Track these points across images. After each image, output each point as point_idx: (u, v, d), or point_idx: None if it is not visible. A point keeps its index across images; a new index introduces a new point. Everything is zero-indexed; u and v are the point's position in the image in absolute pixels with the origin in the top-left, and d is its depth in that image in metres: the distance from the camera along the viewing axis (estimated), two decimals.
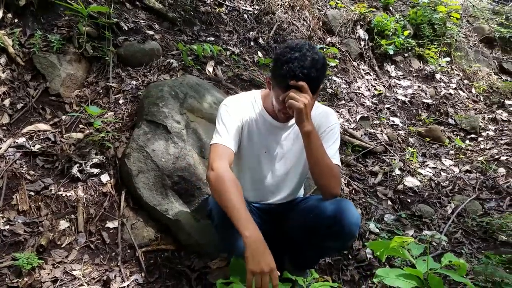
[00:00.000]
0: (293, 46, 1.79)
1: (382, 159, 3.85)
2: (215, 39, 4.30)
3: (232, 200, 1.77)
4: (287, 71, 1.76)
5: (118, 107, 3.20)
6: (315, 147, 1.89)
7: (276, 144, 2.13)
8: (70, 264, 2.36)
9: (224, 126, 2.00)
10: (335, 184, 1.96)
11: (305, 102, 1.77)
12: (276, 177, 2.19)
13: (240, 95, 2.18)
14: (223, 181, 1.80)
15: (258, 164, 2.16)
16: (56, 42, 3.35)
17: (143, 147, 2.69)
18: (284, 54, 1.78)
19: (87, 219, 2.59)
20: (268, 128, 2.10)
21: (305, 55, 1.76)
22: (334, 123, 2.09)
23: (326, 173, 1.92)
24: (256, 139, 2.11)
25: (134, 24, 3.85)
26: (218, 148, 1.94)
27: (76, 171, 2.72)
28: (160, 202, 2.61)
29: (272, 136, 2.12)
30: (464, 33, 6.65)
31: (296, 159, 2.16)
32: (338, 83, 4.81)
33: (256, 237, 1.71)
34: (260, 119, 2.09)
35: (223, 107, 2.07)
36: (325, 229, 1.95)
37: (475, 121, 4.82)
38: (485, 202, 3.42)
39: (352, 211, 1.92)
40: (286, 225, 2.22)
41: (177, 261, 2.53)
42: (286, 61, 1.76)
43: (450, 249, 2.86)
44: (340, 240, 2.00)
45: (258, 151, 2.13)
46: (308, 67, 1.75)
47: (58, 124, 3.07)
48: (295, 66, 1.75)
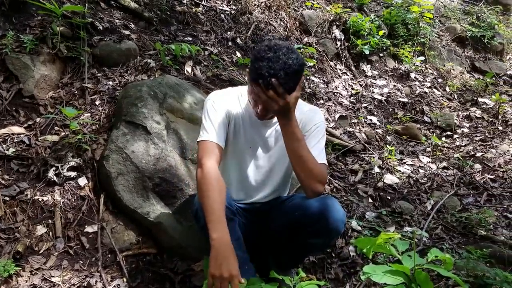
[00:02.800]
0: (271, 46, 1.79)
1: (362, 157, 3.88)
2: (192, 39, 4.26)
3: (210, 200, 1.78)
4: (257, 69, 1.76)
5: (94, 108, 3.12)
6: (293, 142, 1.89)
7: (260, 140, 2.13)
8: (48, 270, 2.28)
9: (210, 122, 1.99)
10: (317, 181, 1.94)
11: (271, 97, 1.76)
12: (261, 173, 2.18)
13: (226, 90, 2.18)
14: (207, 180, 1.82)
15: (243, 160, 2.15)
16: (29, 43, 3.25)
17: (122, 148, 2.63)
18: (260, 52, 1.79)
19: (65, 224, 2.52)
20: (253, 124, 2.09)
21: (278, 57, 1.74)
22: (320, 121, 2.08)
23: (306, 168, 1.91)
24: (242, 134, 2.10)
25: (110, 23, 3.77)
26: (206, 145, 1.94)
27: (53, 174, 2.64)
28: (141, 205, 2.55)
29: (256, 132, 2.11)
30: (437, 33, 6.77)
31: (280, 156, 2.15)
32: (316, 83, 4.83)
33: (223, 241, 1.72)
34: (246, 114, 2.09)
35: (209, 101, 2.06)
36: (310, 226, 1.95)
37: (450, 119, 4.91)
38: (463, 197, 3.48)
39: (337, 208, 1.93)
40: (271, 225, 2.21)
41: (159, 265, 2.48)
42: (259, 58, 1.77)
43: (431, 244, 2.90)
44: (326, 237, 2.00)
45: (243, 147, 2.13)
46: (277, 69, 1.73)
47: (32, 127, 2.97)
48: (264, 66, 1.74)
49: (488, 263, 2.53)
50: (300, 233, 2.02)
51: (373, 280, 1.67)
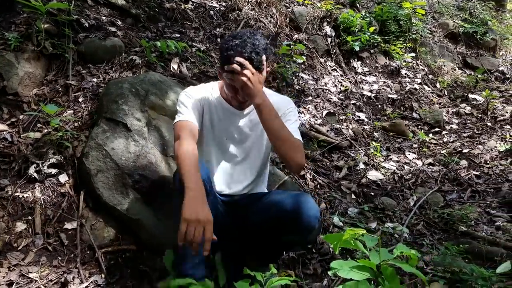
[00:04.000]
0: (235, 34, 1.93)
1: (347, 153, 3.89)
2: (180, 36, 4.26)
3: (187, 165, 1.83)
4: (228, 58, 1.87)
5: (77, 106, 3.13)
6: (271, 119, 1.95)
7: (235, 130, 2.19)
8: (26, 266, 2.30)
9: (185, 107, 2.09)
10: (300, 155, 1.99)
11: (243, 79, 1.86)
12: (238, 163, 2.23)
13: (198, 85, 2.27)
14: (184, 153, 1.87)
15: (220, 150, 2.21)
16: (13, 40, 3.25)
17: (102, 145, 2.64)
18: (227, 42, 1.91)
19: (44, 220, 2.53)
20: (226, 115, 2.17)
21: (245, 41, 1.87)
22: (291, 107, 2.19)
23: (287, 144, 1.96)
24: (217, 125, 2.17)
25: (96, 20, 3.78)
26: (182, 123, 2.03)
27: (33, 171, 2.65)
28: (120, 202, 2.57)
29: (231, 123, 2.18)
30: (429, 29, 6.77)
31: (256, 145, 2.22)
32: (305, 80, 4.83)
33: (198, 189, 1.74)
34: (219, 106, 2.17)
35: (183, 93, 2.16)
36: (284, 223, 1.97)
37: (439, 115, 4.92)
38: (447, 194, 3.49)
39: (310, 204, 1.96)
40: (248, 220, 2.22)
41: (139, 261, 2.49)
42: (227, 48, 1.88)
43: (412, 240, 2.92)
44: (300, 234, 2.02)
45: (219, 137, 2.19)
46: (248, 52, 1.86)
47: (15, 124, 2.98)
48: (234, 53, 1.86)
49: (465, 259, 2.54)
50: (276, 230, 2.04)
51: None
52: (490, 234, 2.93)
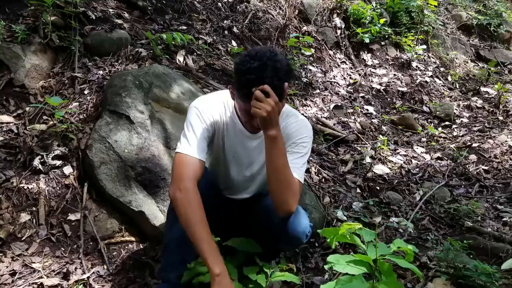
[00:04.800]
0: (253, 54, 1.68)
1: (354, 147, 3.86)
2: (187, 28, 4.25)
3: (199, 232, 1.74)
4: (247, 83, 1.66)
5: (83, 98, 3.15)
6: (277, 155, 1.77)
7: (244, 151, 2.06)
8: (30, 257, 2.33)
9: (193, 131, 1.88)
10: (291, 201, 1.82)
11: (267, 109, 1.64)
12: (243, 178, 2.16)
13: (211, 96, 2.06)
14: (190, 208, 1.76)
15: (226, 166, 2.12)
16: (20, 33, 3.28)
17: (105, 138, 2.66)
18: (244, 63, 1.67)
19: (48, 211, 2.56)
20: (238, 135, 2.01)
21: (266, 64, 1.65)
22: (307, 135, 1.96)
23: (283, 187, 1.80)
24: (227, 144, 2.04)
25: (103, 13, 3.79)
26: (186, 160, 1.83)
27: (38, 163, 2.68)
28: (123, 194, 2.58)
29: (241, 144, 2.04)
30: (442, 21, 6.66)
31: (261, 167, 2.09)
32: (313, 72, 4.80)
33: (224, 274, 1.73)
34: (231, 124, 2.00)
35: (193, 109, 1.94)
36: (273, 233, 1.95)
37: (449, 109, 4.85)
38: (454, 188, 3.45)
39: (299, 220, 1.92)
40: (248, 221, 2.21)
41: (141, 253, 2.51)
42: (245, 72, 1.66)
43: (416, 235, 2.89)
44: (287, 245, 2.03)
45: (227, 155, 2.08)
46: (269, 77, 1.64)
47: (21, 116, 3.01)
48: (255, 77, 1.64)
49: (469, 254, 2.51)
50: (266, 237, 2.04)
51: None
52: (496, 230, 2.89)
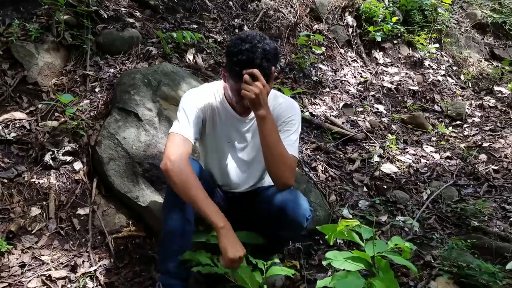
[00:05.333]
0: (243, 37, 1.80)
1: (362, 146, 3.86)
2: (198, 27, 4.30)
3: (199, 194, 1.83)
4: (239, 63, 1.77)
5: (94, 95, 3.22)
6: (269, 132, 1.88)
7: (238, 135, 2.14)
8: (39, 249, 2.40)
9: (185, 114, 1.99)
10: (288, 174, 1.95)
11: (256, 92, 1.77)
12: (240, 166, 2.21)
13: (202, 86, 2.17)
14: (184, 174, 1.83)
15: (222, 154, 2.17)
16: (34, 31, 3.37)
17: (114, 134, 2.72)
18: (235, 45, 1.79)
19: (58, 206, 2.63)
20: (230, 120, 2.10)
21: (256, 46, 1.76)
22: (295, 114, 2.07)
23: (278, 161, 1.91)
24: (219, 129, 2.11)
25: (114, 12, 3.85)
26: (176, 138, 1.93)
27: (49, 158, 2.75)
28: (131, 189, 2.64)
29: (234, 128, 2.12)
30: (456, 19, 6.58)
31: (258, 150, 2.15)
32: (323, 71, 4.80)
33: (228, 227, 1.83)
34: (223, 110, 2.09)
35: (185, 96, 2.07)
36: (275, 219, 2.00)
37: (461, 108, 4.81)
38: (462, 188, 3.43)
39: (298, 203, 1.96)
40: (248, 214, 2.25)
41: (148, 247, 2.56)
42: (236, 53, 1.77)
43: (422, 234, 2.89)
44: (289, 230, 2.06)
45: (221, 141, 2.14)
46: (259, 58, 1.76)
47: (34, 113, 3.10)
48: (246, 58, 1.75)
49: (473, 254, 2.50)
50: (268, 225, 2.07)
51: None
52: (503, 230, 2.87)
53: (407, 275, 2.45)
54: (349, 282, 1.48)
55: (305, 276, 2.39)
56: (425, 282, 2.37)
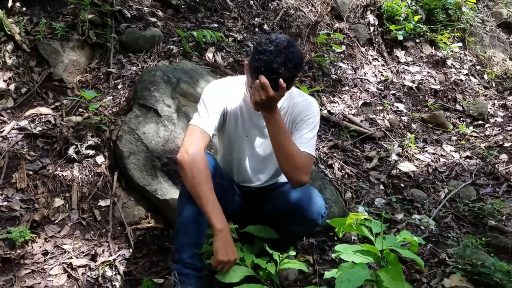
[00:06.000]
0: (272, 39, 1.80)
1: (381, 144, 3.85)
2: (218, 26, 4.37)
3: (204, 192, 1.88)
4: (258, 62, 1.78)
5: (116, 92, 3.32)
6: (274, 133, 1.91)
7: (257, 130, 2.17)
8: (61, 238, 2.50)
9: (205, 108, 2.03)
10: (301, 172, 1.94)
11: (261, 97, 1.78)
12: (257, 161, 2.25)
13: (225, 79, 2.22)
14: (196, 170, 1.88)
15: (240, 148, 2.21)
16: (60, 30, 3.49)
17: (134, 129, 2.80)
18: (262, 44, 1.80)
19: (80, 197, 2.73)
20: (250, 114, 2.13)
21: (280, 51, 1.77)
22: (313, 112, 2.07)
23: (289, 160, 1.93)
24: (239, 123, 2.15)
25: (138, 11, 3.95)
26: (195, 131, 1.98)
27: (73, 152, 2.86)
28: (150, 183, 2.72)
29: (253, 122, 2.15)
30: (480, 18, 6.48)
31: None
32: (343, 69, 4.81)
33: (226, 230, 1.89)
34: (244, 104, 2.12)
35: (207, 89, 2.11)
36: (290, 214, 2.05)
37: (483, 107, 4.74)
38: (481, 187, 3.39)
39: (314, 200, 2.01)
40: (263, 208, 2.29)
41: (165, 239, 2.64)
42: (260, 51, 1.78)
43: (438, 232, 2.88)
44: (303, 226, 2.10)
45: (240, 136, 2.18)
46: (278, 64, 1.76)
47: (59, 108, 3.22)
48: (267, 60, 1.76)
49: (488, 252, 2.49)
50: (283, 220, 2.12)
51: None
52: None
53: (421, 272, 2.45)
54: (354, 272, 1.51)
55: (317, 271, 2.42)
56: (439, 279, 2.38)
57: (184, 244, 2.01)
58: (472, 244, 2.49)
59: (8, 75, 3.27)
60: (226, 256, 1.87)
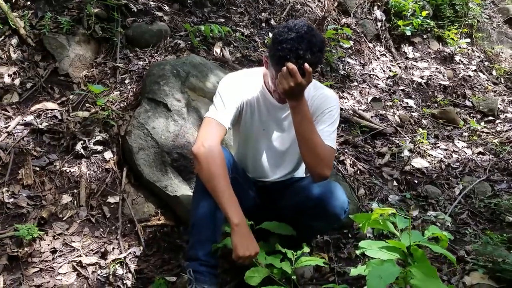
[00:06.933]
0: (291, 26, 1.74)
1: (392, 140, 3.79)
2: (225, 21, 4.29)
3: (221, 185, 1.81)
4: (282, 51, 1.71)
5: (124, 87, 3.25)
6: (300, 123, 1.84)
7: (274, 123, 2.11)
8: (70, 236, 2.43)
9: (221, 100, 1.97)
10: (324, 165, 1.88)
11: (290, 85, 1.71)
12: (274, 155, 2.18)
13: (242, 72, 2.16)
14: (213, 163, 1.82)
15: (257, 142, 2.15)
16: (65, 24, 3.42)
17: (144, 124, 2.73)
18: (281, 33, 1.74)
19: (89, 194, 2.66)
20: (267, 107, 2.07)
21: (302, 37, 1.70)
22: (333, 105, 2.00)
23: (313, 152, 1.86)
24: (256, 116, 2.09)
25: (144, 5, 3.88)
26: (212, 124, 1.92)
27: (80, 147, 2.79)
28: (159, 179, 2.65)
29: (271, 116, 2.09)
30: (487, 14, 6.42)
31: (294, 139, 2.07)
32: (351, 65, 4.74)
33: (243, 224, 1.81)
34: (261, 97, 2.06)
35: (224, 81, 2.05)
36: (311, 210, 1.97)
37: (493, 103, 4.68)
38: (496, 183, 3.33)
39: (337, 194, 1.93)
40: (279, 204, 2.23)
41: (176, 236, 2.57)
42: (281, 41, 1.72)
43: (455, 229, 2.82)
44: (325, 221, 2.03)
45: (257, 129, 2.12)
46: (303, 50, 1.70)
47: (65, 103, 3.14)
48: (291, 48, 1.70)
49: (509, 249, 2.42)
50: (303, 215, 2.05)
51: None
52: None
53: (440, 270, 2.39)
54: (384, 269, 1.44)
55: (334, 269, 2.35)
56: (459, 276, 2.31)
57: (199, 240, 1.94)
58: (492, 241, 2.43)
59: (13, 69, 3.19)
60: (246, 251, 1.78)
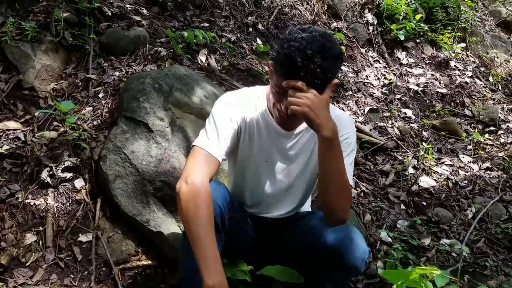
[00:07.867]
0: (305, 28, 1.47)
1: (394, 156, 3.49)
2: (209, 25, 3.94)
3: (198, 232, 1.44)
4: (288, 49, 1.41)
5: (97, 102, 2.86)
6: (331, 158, 1.50)
7: (279, 153, 1.77)
8: (34, 286, 2.05)
9: (215, 126, 1.65)
10: (347, 207, 1.59)
11: (307, 103, 1.38)
12: (278, 190, 1.84)
13: (241, 91, 1.81)
14: (193, 204, 1.46)
15: (257, 174, 1.81)
16: (30, 30, 3.01)
17: (121, 148, 2.36)
18: (292, 33, 1.47)
19: (57, 231, 2.27)
20: (271, 134, 1.74)
21: (315, 38, 1.41)
22: (350, 132, 1.70)
23: (339, 193, 1.55)
24: (257, 145, 1.75)
25: (119, 9, 3.49)
26: (200, 155, 1.59)
27: (46, 175, 2.40)
28: (140, 212, 2.28)
29: (274, 144, 1.75)
30: (479, 17, 6.22)
31: (301, 172, 1.81)
32: (344, 72, 4.44)
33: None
34: (263, 122, 1.73)
35: (219, 104, 1.72)
36: (324, 259, 1.63)
37: (494, 112, 4.44)
38: (510, 204, 3.06)
39: (357, 242, 1.59)
40: (283, 243, 1.90)
41: (159, 279, 2.22)
42: (290, 39, 1.43)
43: (473, 261, 2.53)
44: (341, 273, 1.67)
45: (258, 160, 1.78)
46: (313, 51, 1.38)
47: (30, 122, 2.74)
48: (298, 46, 1.39)
49: None
50: (314, 263, 1.72)
51: None
52: None
53: None
54: None
55: None
56: None
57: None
58: None
59: None
60: None
